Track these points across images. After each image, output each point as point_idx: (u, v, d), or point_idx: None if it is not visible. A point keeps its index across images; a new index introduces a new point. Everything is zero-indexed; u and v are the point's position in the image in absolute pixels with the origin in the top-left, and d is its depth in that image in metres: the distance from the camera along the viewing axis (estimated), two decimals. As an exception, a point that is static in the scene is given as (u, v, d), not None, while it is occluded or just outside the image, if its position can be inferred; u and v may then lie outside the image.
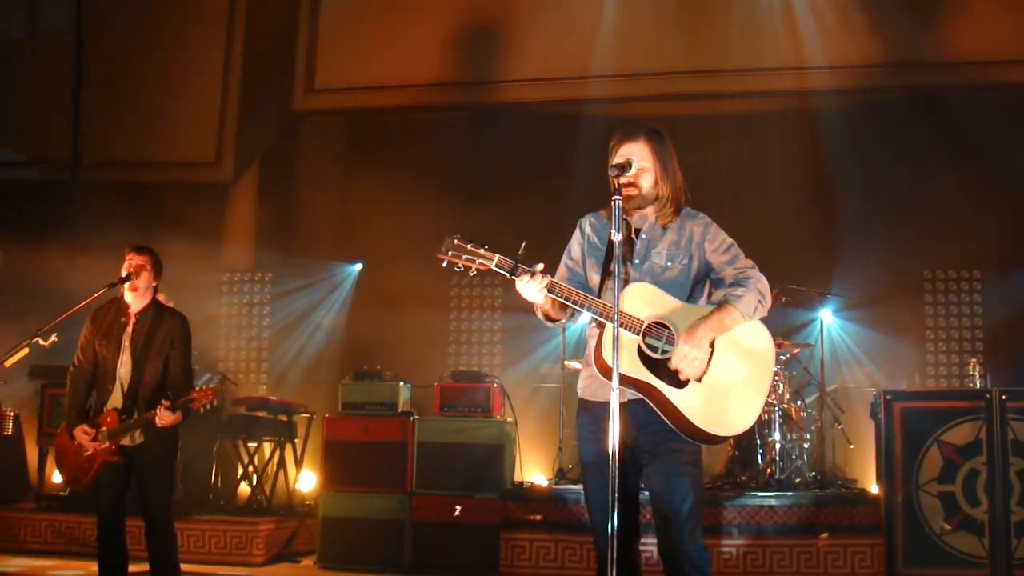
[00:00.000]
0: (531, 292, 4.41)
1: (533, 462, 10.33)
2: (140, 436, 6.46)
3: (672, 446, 4.34)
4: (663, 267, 4.50)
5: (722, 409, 4.33)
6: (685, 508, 4.30)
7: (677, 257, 4.52)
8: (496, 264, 4.45)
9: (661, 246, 4.53)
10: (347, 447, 9.28)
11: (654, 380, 4.30)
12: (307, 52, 12.76)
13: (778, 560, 7.93)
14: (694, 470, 4.38)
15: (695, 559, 4.30)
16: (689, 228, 4.56)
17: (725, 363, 4.37)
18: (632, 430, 4.37)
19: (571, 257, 4.75)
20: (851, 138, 10.73)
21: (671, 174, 4.57)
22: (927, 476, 7.91)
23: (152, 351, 6.54)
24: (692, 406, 4.29)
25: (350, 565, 8.89)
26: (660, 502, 4.35)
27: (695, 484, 4.36)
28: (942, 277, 10.94)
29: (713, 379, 4.33)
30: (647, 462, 4.39)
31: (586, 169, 4.69)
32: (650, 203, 4.55)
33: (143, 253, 6.66)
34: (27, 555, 9.32)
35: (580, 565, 8.22)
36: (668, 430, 4.34)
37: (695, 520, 4.33)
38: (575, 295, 4.37)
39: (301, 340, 12.20)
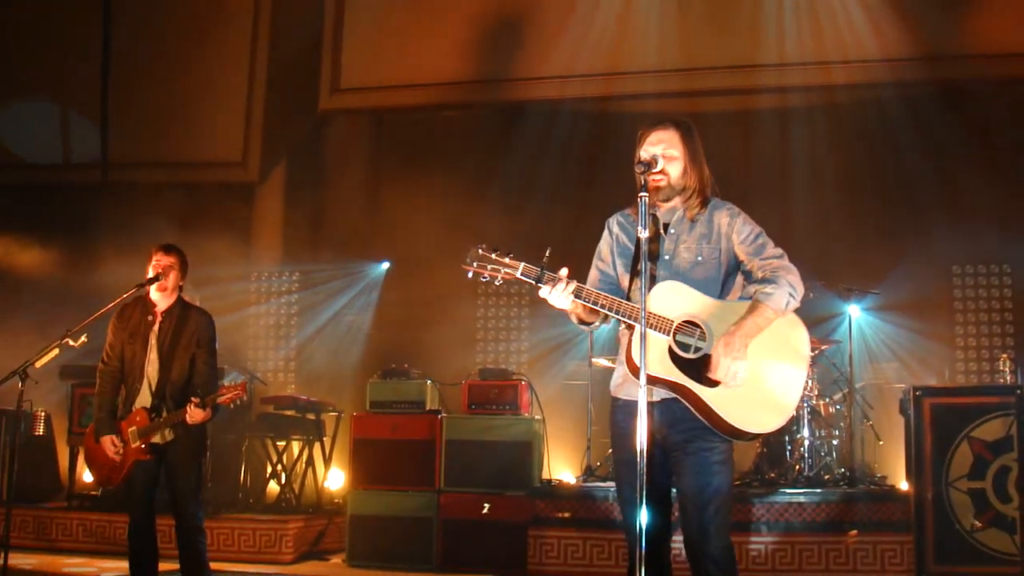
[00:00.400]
0: (558, 299, 4.41)
1: (561, 459, 10.33)
2: (170, 434, 6.50)
3: (703, 444, 4.32)
4: (692, 262, 4.48)
5: (757, 406, 4.30)
6: (711, 508, 4.28)
7: (706, 251, 4.49)
8: (521, 273, 4.48)
9: (690, 241, 4.50)
10: (375, 445, 9.30)
11: (686, 380, 4.29)
12: (333, 51, 12.78)
13: (807, 558, 7.90)
14: (724, 469, 4.35)
15: (719, 558, 4.28)
16: (717, 220, 4.53)
17: (759, 359, 4.33)
18: (664, 428, 4.37)
19: (601, 258, 4.75)
20: (879, 133, 10.69)
21: (699, 164, 4.55)
22: (957, 473, 7.86)
23: (179, 349, 6.57)
24: (726, 404, 4.27)
25: (379, 563, 8.91)
26: (686, 500, 4.35)
27: (723, 484, 4.34)
28: (971, 272, 10.88)
29: (750, 378, 4.30)
30: (677, 460, 4.37)
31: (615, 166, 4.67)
32: (678, 193, 4.52)
33: (171, 253, 6.69)
34: (59, 553, 9.39)
35: (608, 562, 8.21)
36: (700, 428, 4.32)
37: (721, 520, 4.31)
38: (602, 299, 4.37)
39: (329, 339, 12.24)
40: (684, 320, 4.33)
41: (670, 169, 4.47)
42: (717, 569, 4.28)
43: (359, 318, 12.23)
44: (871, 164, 10.67)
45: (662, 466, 4.43)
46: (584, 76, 11.64)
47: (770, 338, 4.36)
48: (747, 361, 4.27)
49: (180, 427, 6.47)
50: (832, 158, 10.73)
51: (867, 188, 10.65)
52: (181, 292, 6.80)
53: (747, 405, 4.29)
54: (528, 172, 11.47)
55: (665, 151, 4.48)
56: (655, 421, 4.36)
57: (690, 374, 4.30)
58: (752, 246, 4.49)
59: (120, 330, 6.70)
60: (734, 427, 4.29)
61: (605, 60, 11.53)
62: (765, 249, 4.49)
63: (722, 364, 4.25)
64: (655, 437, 4.38)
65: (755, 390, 4.31)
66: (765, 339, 4.35)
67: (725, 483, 4.36)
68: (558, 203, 11.11)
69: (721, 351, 4.26)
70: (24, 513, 9.78)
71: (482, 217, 11.04)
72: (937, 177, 10.48)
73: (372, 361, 11.23)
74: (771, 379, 4.35)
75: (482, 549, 8.79)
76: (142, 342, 6.61)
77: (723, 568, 4.29)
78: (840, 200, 10.64)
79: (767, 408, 4.33)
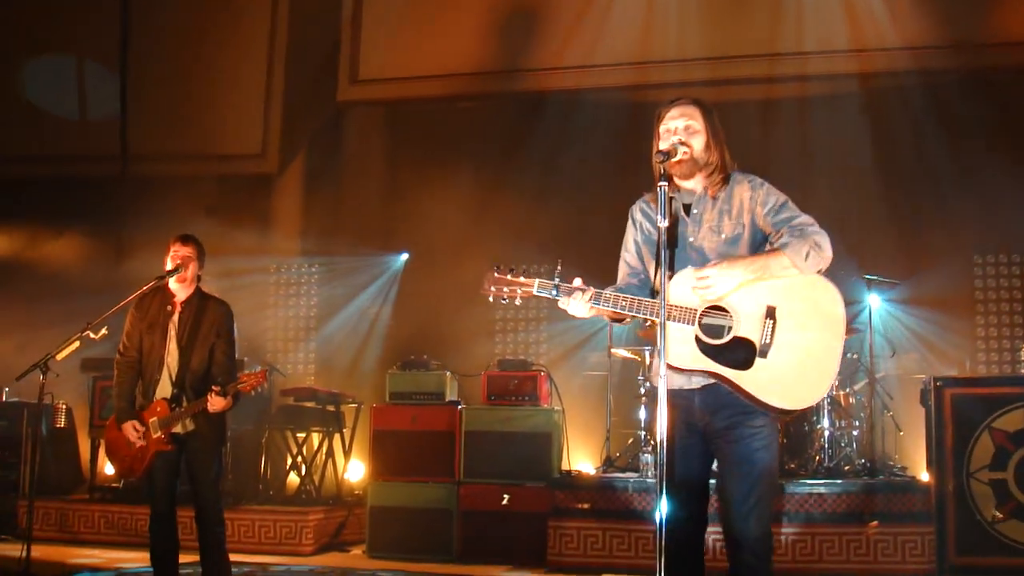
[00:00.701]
0: (577, 309, 4.43)
1: (581, 450, 10.32)
2: (191, 424, 6.51)
3: (744, 431, 4.27)
4: (717, 240, 4.42)
5: (793, 382, 4.22)
6: (752, 497, 4.23)
7: (729, 227, 4.42)
8: (537, 288, 4.49)
9: (712, 219, 4.45)
10: (395, 437, 9.32)
11: (719, 368, 4.25)
12: (351, 43, 12.78)
13: (828, 548, 7.88)
14: (766, 455, 4.29)
15: (756, 547, 4.23)
16: (739, 194, 4.47)
17: (790, 333, 4.25)
18: (705, 415, 4.34)
19: (627, 250, 4.71)
20: (901, 121, 10.63)
21: (720, 142, 4.50)
22: (978, 463, 7.83)
23: (198, 339, 6.58)
24: (762, 385, 4.21)
25: (399, 554, 8.93)
26: (727, 487, 4.30)
27: (764, 471, 4.28)
28: (992, 262, 10.82)
29: (779, 352, 4.23)
30: (719, 447, 4.33)
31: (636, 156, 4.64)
32: (700, 169, 4.46)
33: (188, 243, 6.70)
34: (81, 545, 9.45)
35: (628, 553, 8.21)
36: (741, 413, 4.27)
37: (760, 508, 4.25)
38: (622, 300, 4.37)
39: (348, 330, 12.26)
40: (710, 306, 4.30)
41: (693, 142, 4.42)
42: (755, 558, 4.23)
43: (378, 309, 12.24)
44: (893, 153, 10.60)
45: (702, 455, 4.40)
46: (604, 66, 11.61)
47: (800, 310, 4.28)
48: (725, 281, 4.23)
49: (200, 417, 6.48)
50: (854, 147, 10.67)
51: (889, 177, 10.58)
52: (199, 282, 6.82)
53: (785, 382, 4.22)
54: (548, 163, 11.46)
55: (687, 124, 4.45)
56: (696, 408, 4.34)
57: (723, 360, 4.26)
58: (778, 216, 4.40)
59: (138, 320, 6.71)
60: (775, 407, 4.24)
61: (626, 50, 11.50)
62: (795, 218, 4.38)
63: (705, 272, 4.25)
64: (696, 425, 4.36)
65: (791, 364, 4.23)
66: (794, 312, 4.27)
67: (767, 470, 4.30)
68: (578, 194, 11.09)
69: (713, 269, 4.25)
70: (47, 505, 9.85)
71: (501, 209, 11.05)
72: (959, 166, 10.42)
73: (391, 352, 11.24)
74: (806, 349, 4.25)
75: (502, 540, 8.80)
76: (161, 332, 6.62)
77: (760, 557, 4.24)
78: (861, 189, 10.59)
79: (806, 380, 4.24)
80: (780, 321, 4.25)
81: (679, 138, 4.41)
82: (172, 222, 10.01)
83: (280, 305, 12.82)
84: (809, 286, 4.31)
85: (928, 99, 10.56)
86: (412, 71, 12.55)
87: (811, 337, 4.26)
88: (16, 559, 6.76)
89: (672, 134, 4.44)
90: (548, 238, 11.04)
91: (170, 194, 12.04)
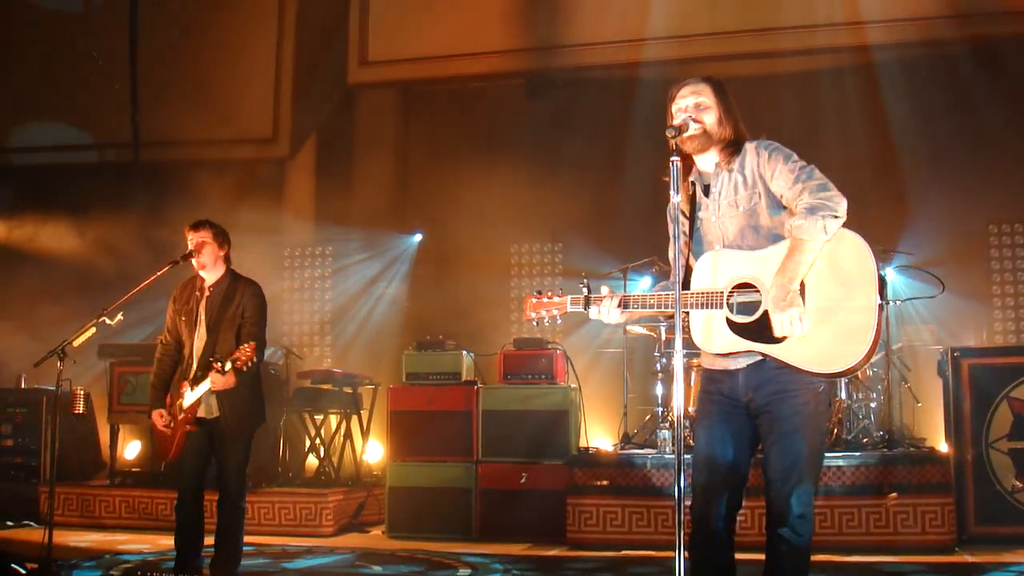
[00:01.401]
0: (609, 316, 4.51)
1: (598, 427, 10.35)
2: (216, 409, 6.53)
3: (787, 408, 4.24)
4: (735, 214, 4.39)
5: (833, 345, 4.15)
6: (794, 474, 4.20)
7: (744, 198, 4.38)
8: (571, 305, 4.63)
9: (730, 194, 4.41)
10: (412, 417, 9.34)
11: (755, 346, 4.22)
12: (360, 25, 12.78)
13: (847, 521, 7.88)
14: (809, 432, 4.25)
15: (796, 524, 4.20)
16: (750, 162, 4.42)
17: (821, 296, 4.18)
18: (750, 391, 4.31)
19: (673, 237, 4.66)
20: (912, 93, 10.58)
21: (734, 118, 4.46)
22: (997, 433, 7.83)
23: (224, 322, 6.58)
24: (801, 355, 4.17)
25: (419, 534, 8.97)
26: (770, 463, 4.27)
27: (807, 449, 4.24)
28: (1008, 231, 10.79)
29: (813, 318, 4.16)
30: (763, 423, 4.31)
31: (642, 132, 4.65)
32: (714, 144, 4.43)
33: (201, 228, 6.70)
34: (103, 530, 9.51)
35: (648, 529, 8.22)
36: (784, 391, 4.23)
37: (803, 486, 4.22)
38: (650, 299, 4.41)
39: (363, 312, 12.29)
40: (735, 285, 4.27)
41: (704, 117, 4.40)
42: (795, 534, 4.20)
43: (393, 290, 12.27)
44: (903, 125, 10.55)
45: (742, 432, 4.37)
46: (610, 43, 11.58)
47: (823, 267, 4.21)
48: (800, 307, 4.13)
49: (225, 404, 6.50)
50: (862, 119, 10.64)
51: (899, 149, 10.54)
52: (229, 264, 6.82)
53: (823, 346, 4.16)
54: (557, 140, 11.45)
55: (697, 101, 4.43)
56: (740, 386, 4.32)
57: (757, 336, 4.22)
58: (786, 178, 4.32)
59: (175, 310, 6.77)
60: (818, 373, 4.20)
61: (633, 27, 11.45)
62: (801, 180, 4.29)
63: (777, 320, 4.15)
64: (739, 402, 4.34)
65: (826, 328, 4.17)
66: (818, 270, 4.20)
67: (811, 448, 4.26)
68: (587, 170, 11.07)
69: (771, 306, 4.17)
70: (67, 491, 9.91)
71: (512, 187, 11.04)
72: (970, 135, 10.38)
73: (407, 333, 11.26)
74: (838, 310, 4.18)
75: (521, 518, 8.82)
76: (193, 318, 6.67)
77: (800, 534, 4.21)
78: (872, 161, 10.57)
79: (844, 339, 4.16)
80: (809, 286, 4.19)
81: (690, 115, 4.40)
82: (185, 208, 10.05)
83: (295, 288, 12.86)
84: (832, 245, 4.23)
85: (937, 69, 10.52)
86: (422, 52, 12.54)
87: (842, 297, 4.19)
88: (38, 544, 6.81)
89: (683, 112, 4.43)
90: (560, 216, 11.04)
91: (182, 181, 12.07)
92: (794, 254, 4.17)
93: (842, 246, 4.23)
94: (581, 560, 7.86)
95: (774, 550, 4.25)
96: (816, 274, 4.21)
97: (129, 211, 12.41)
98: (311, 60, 12.95)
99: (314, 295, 12.85)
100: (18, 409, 10.55)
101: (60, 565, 6.65)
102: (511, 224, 11.38)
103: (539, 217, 11.21)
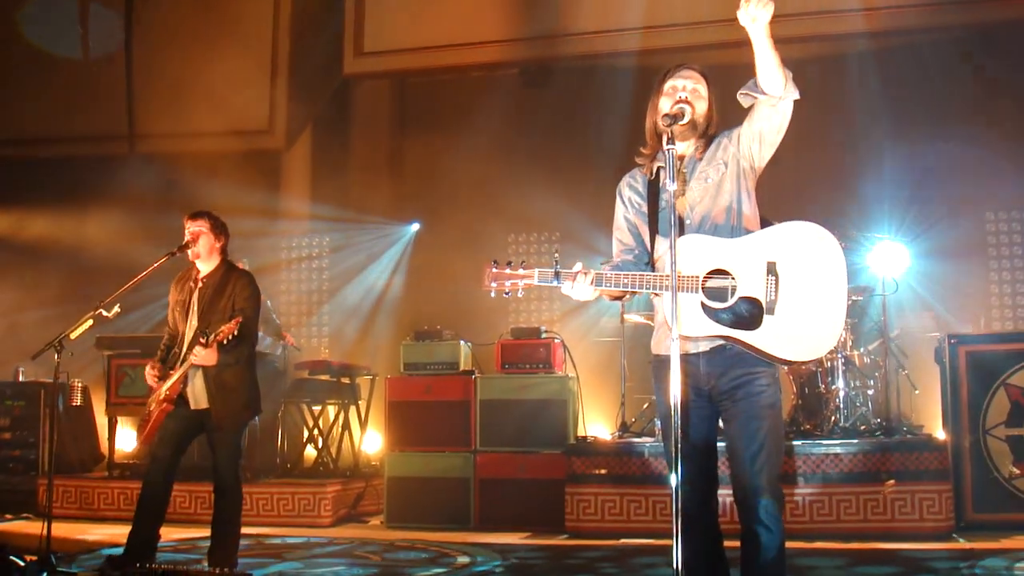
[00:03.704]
0: (580, 292, 4.45)
1: (596, 416, 10.35)
2: (204, 401, 6.52)
3: (751, 390, 4.27)
4: (703, 191, 4.43)
5: (805, 333, 4.23)
6: (762, 454, 4.22)
7: (713, 173, 4.44)
8: (538, 279, 4.53)
9: (698, 174, 4.47)
10: (410, 407, 9.35)
11: (728, 331, 4.24)
12: (355, 15, 12.74)
13: (845, 508, 7.89)
14: (772, 412, 4.30)
15: (768, 506, 4.22)
16: (718, 142, 4.50)
17: (794, 285, 4.25)
18: (711, 378, 4.34)
19: (619, 228, 4.72)
20: (912, 79, 10.57)
21: (715, 110, 4.54)
22: (994, 420, 7.84)
23: (216, 314, 6.56)
24: (772, 342, 4.22)
25: (417, 524, 8.98)
26: (736, 447, 4.29)
27: (773, 428, 4.28)
28: (1005, 218, 10.79)
29: (786, 306, 4.23)
30: (726, 408, 4.33)
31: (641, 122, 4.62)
32: (697, 133, 4.47)
33: (198, 219, 6.70)
34: (101, 522, 9.51)
35: (646, 517, 8.23)
36: (747, 374, 4.27)
37: (771, 466, 4.25)
38: (624, 278, 4.36)
39: (360, 302, 12.30)
40: (709, 272, 4.29)
41: (696, 104, 4.44)
42: (767, 516, 4.23)
43: (390, 281, 12.26)
44: (902, 111, 10.55)
45: (709, 419, 4.41)
46: (611, 32, 11.55)
47: (796, 256, 4.28)
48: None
49: (216, 396, 6.50)
50: (864, 106, 10.63)
51: (898, 135, 10.54)
52: (225, 255, 6.81)
53: (796, 335, 4.23)
54: (554, 129, 11.43)
55: (695, 87, 4.47)
56: (701, 372, 4.34)
57: (731, 322, 4.26)
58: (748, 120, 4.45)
59: (173, 300, 6.78)
60: (791, 360, 4.29)
61: (633, 15, 11.42)
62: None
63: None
64: (703, 389, 4.36)
65: (799, 316, 4.24)
66: (794, 264, 4.27)
67: (775, 429, 4.30)
68: (588, 161, 11.05)
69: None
70: (66, 483, 9.91)
71: (510, 178, 11.04)
72: (968, 122, 10.36)
73: (405, 323, 11.27)
74: (811, 299, 4.25)
75: (519, 507, 8.84)
76: (186, 308, 6.68)
77: (772, 514, 4.22)
78: (871, 149, 10.56)
79: (817, 330, 4.25)
80: (782, 275, 4.26)
81: (685, 95, 4.41)
82: (181, 200, 10.04)
83: (292, 280, 12.87)
84: (803, 234, 4.33)
85: (939, 56, 10.49)
86: (418, 42, 12.51)
87: (815, 286, 4.27)
88: (37, 537, 6.80)
89: (679, 91, 4.44)
90: (559, 206, 11.03)
91: (178, 173, 12.06)
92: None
93: (818, 239, 4.33)
94: (580, 549, 7.86)
95: (750, 535, 4.26)
96: (797, 263, 4.28)
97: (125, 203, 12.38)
98: (306, 51, 12.92)
99: (311, 286, 12.85)
100: (16, 402, 10.54)
101: (59, 558, 6.62)
102: (508, 214, 11.38)
103: (536, 207, 11.20)
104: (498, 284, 4.61)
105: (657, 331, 4.60)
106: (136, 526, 6.50)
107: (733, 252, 4.31)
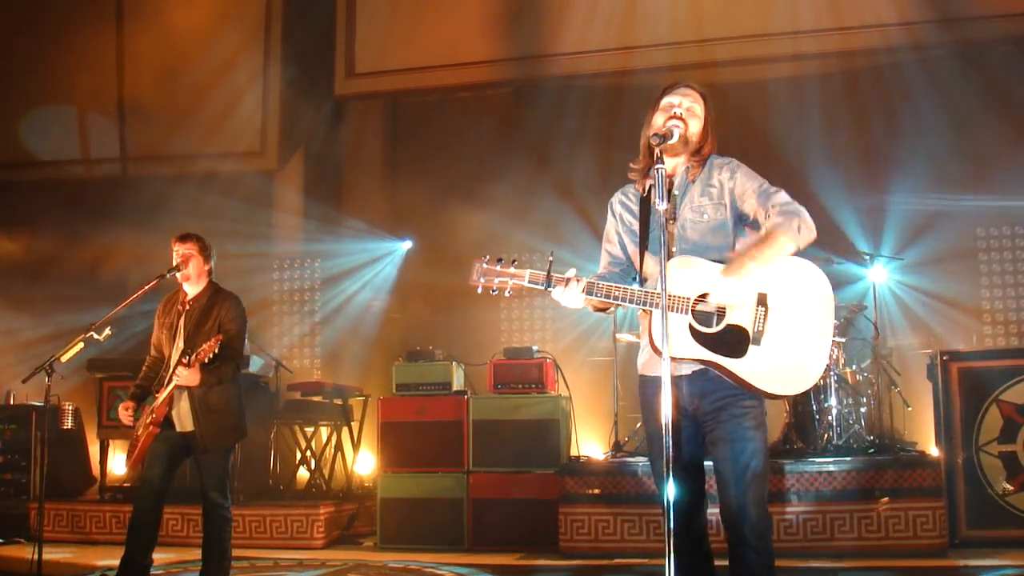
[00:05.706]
0: (570, 299, 4.41)
1: (589, 436, 10.34)
2: (189, 424, 6.52)
3: (735, 411, 4.27)
4: (699, 222, 4.43)
5: (788, 367, 4.24)
6: (748, 474, 4.23)
7: (711, 210, 4.43)
8: (529, 280, 4.45)
9: (693, 200, 4.46)
10: (403, 428, 9.34)
11: (712, 356, 4.25)
12: (347, 37, 12.76)
13: (839, 526, 7.88)
14: (757, 434, 4.29)
15: (756, 527, 4.23)
16: (718, 177, 4.47)
17: (782, 319, 4.26)
18: (695, 399, 4.34)
19: (609, 241, 4.73)
20: (897, 98, 10.60)
21: (713, 132, 4.54)
22: (987, 436, 7.84)
23: (201, 336, 6.56)
24: (756, 372, 4.23)
25: (411, 545, 8.95)
26: (721, 468, 4.30)
27: (758, 449, 4.28)
28: (996, 234, 10.79)
29: (772, 339, 4.24)
30: (711, 430, 4.33)
31: (631, 141, 4.64)
32: (688, 151, 4.47)
33: (187, 241, 6.72)
34: (94, 546, 9.47)
35: (640, 537, 8.22)
36: (731, 396, 4.28)
37: (757, 486, 4.25)
38: (615, 290, 4.34)
39: (352, 323, 12.27)
40: (700, 294, 4.29)
41: (690, 123, 4.44)
42: (755, 537, 4.23)
43: (382, 301, 12.25)
44: (890, 129, 10.59)
45: (694, 438, 4.41)
46: (597, 52, 11.57)
47: (787, 290, 4.29)
48: (747, 276, 4.22)
49: (201, 418, 6.49)
50: (850, 124, 10.67)
51: (887, 154, 10.58)
52: (212, 277, 6.82)
53: (779, 368, 4.23)
54: (546, 149, 11.44)
55: (690, 105, 4.48)
56: (684, 394, 4.34)
57: (716, 348, 4.26)
58: (759, 197, 4.39)
59: (159, 324, 6.79)
60: (771, 394, 4.26)
61: (617, 35, 11.45)
62: (772, 197, 4.38)
63: (721, 284, 4.24)
64: (687, 410, 4.36)
65: (784, 350, 4.24)
66: (784, 298, 4.28)
67: (760, 450, 4.29)
68: (575, 180, 11.06)
69: (723, 271, 4.24)
70: (57, 507, 9.87)
71: (500, 197, 11.05)
72: (958, 140, 10.38)
73: (397, 344, 11.23)
74: (798, 334, 4.26)
75: (513, 528, 8.82)
76: (172, 331, 6.68)
77: (760, 537, 4.24)
78: (860, 167, 10.59)
79: (800, 365, 4.26)
80: (772, 308, 4.27)
81: (680, 111, 4.42)
82: (173, 222, 10.03)
83: (284, 301, 12.84)
84: (796, 269, 4.33)
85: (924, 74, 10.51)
86: (409, 63, 12.52)
87: (803, 321, 4.29)
88: (28, 561, 6.78)
89: (674, 107, 4.45)
90: (548, 224, 11.04)
91: (171, 195, 12.04)
92: (765, 241, 4.27)
93: (809, 274, 4.34)
94: (574, 569, 7.85)
95: (738, 557, 4.27)
96: (788, 297, 4.30)
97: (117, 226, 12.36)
98: (298, 73, 12.93)
99: (303, 307, 12.82)
100: (7, 426, 10.50)
101: (51, 582, 6.62)
102: (501, 234, 11.38)
103: (529, 226, 11.20)
104: (486, 280, 4.50)
105: (641, 351, 4.60)
106: (128, 550, 6.48)
107: (725, 278, 4.30)
